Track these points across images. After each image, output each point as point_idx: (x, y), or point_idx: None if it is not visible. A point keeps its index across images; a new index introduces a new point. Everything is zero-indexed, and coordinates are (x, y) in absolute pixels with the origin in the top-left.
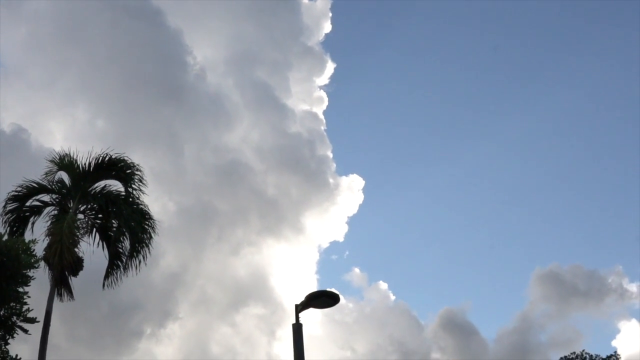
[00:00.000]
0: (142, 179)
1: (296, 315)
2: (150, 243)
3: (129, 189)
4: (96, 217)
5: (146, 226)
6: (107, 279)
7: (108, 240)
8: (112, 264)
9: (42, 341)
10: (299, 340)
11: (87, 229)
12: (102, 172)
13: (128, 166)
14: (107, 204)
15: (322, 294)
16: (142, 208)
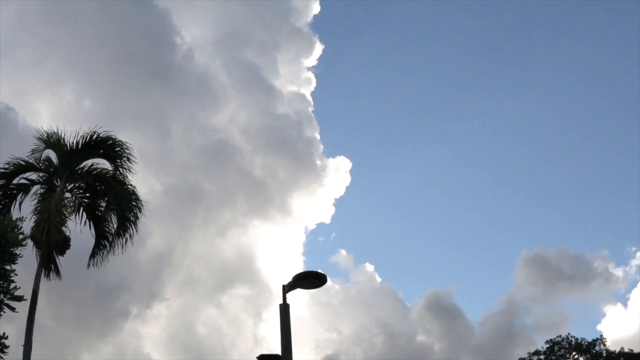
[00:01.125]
0: (130, 157)
1: (283, 295)
2: (137, 222)
3: (117, 167)
4: (84, 195)
5: (133, 206)
6: (92, 258)
7: (95, 219)
8: (98, 243)
9: (29, 320)
10: (286, 320)
11: (74, 208)
12: (89, 151)
13: (116, 144)
14: (95, 182)
15: (310, 274)
16: (129, 187)
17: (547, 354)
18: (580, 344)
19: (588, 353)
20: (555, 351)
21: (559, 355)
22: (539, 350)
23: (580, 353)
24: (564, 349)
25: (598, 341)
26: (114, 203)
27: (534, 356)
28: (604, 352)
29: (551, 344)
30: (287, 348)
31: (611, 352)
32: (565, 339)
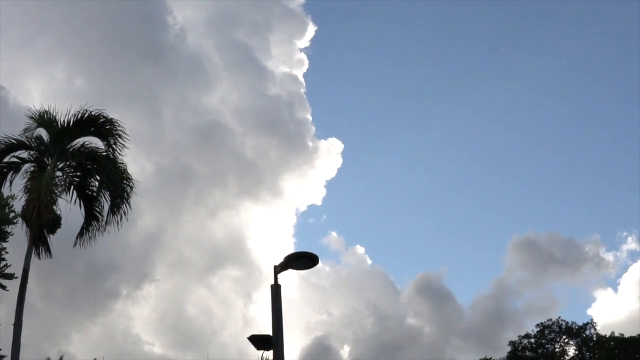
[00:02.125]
0: (122, 135)
1: (275, 276)
2: (129, 200)
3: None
4: (74, 174)
5: (125, 184)
6: (80, 237)
7: (85, 199)
8: (87, 222)
9: (19, 299)
10: (277, 301)
11: (65, 187)
12: (81, 129)
13: (108, 122)
14: (86, 161)
15: (301, 255)
16: (121, 166)
17: (537, 338)
18: (571, 327)
19: (578, 337)
20: (546, 335)
21: (549, 339)
22: (529, 333)
23: (570, 337)
24: (554, 333)
25: (588, 325)
26: (107, 181)
27: (524, 339)
28: (594, 337)
29: (541, 328)
30: (278, 329)
31: (601, 336)
32: (555, 323)
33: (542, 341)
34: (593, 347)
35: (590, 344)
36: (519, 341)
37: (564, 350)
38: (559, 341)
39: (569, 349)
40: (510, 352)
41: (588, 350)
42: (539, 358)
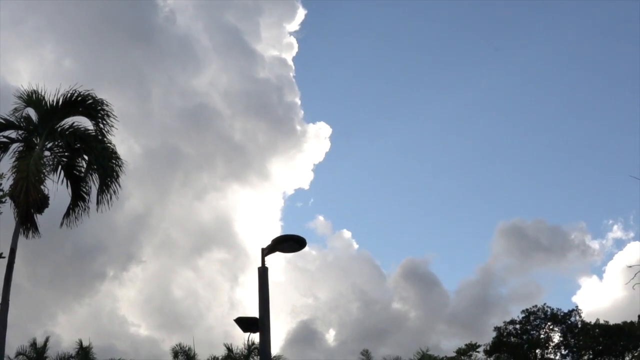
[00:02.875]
0: (110, 115)
1: (262, 258)
2: (118, 180)
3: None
4: (63, 154)
5: (114, 164)
6: (67, 217)
7: (72, 179)
8: (74, 202)
9: (6, 279)
10: (264, 284)
11: (53, 167)
12: (69, 109)
13: (96, 102)
14: (75, 141)
15: (289, 238)
16: (110, 146)
17: (522, 324)
18: (556, 314)
19: (563, 324)
20: (531, 321)
21: (534, 325)
22: (515, 319)
23: (555, 323)
24: (539, 319)
25: (574, 312)
26: (95, 162)
27: (509, 325)
28: (579, 323)
29: (527, 314)
30: (265, 311)
31: (586, 323)
32: (541, 309)
33: (527, 327)
34: (578, 334)
35: (575, 330)
36: (504, 327)
37: (549, 336)
38: (544, 327)
39: (554, 335)
40: (496, 338)
41: (573, 337)
42: (524, 344)
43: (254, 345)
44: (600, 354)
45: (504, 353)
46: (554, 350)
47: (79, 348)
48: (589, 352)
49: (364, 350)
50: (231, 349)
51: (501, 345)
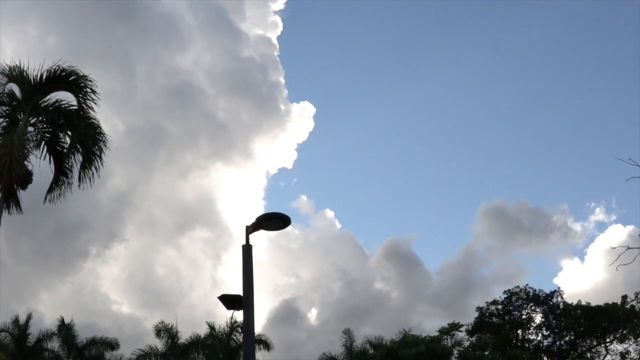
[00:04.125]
0: (94, 90)
1: (246, 236)
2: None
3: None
4: (46, 130)
5: (98, 140)
6: (50, 193)
7: (55, 155)
8: (57, 178)
9: None
10: (248, 262)
11: (37, 142)
12: (53, 85)
13: (80, 78)
14: (59, 117)
15: (274, 215)
16: (94, 122)
17: (504, 304)
18: (538, 295)
19: (545, 305)
20: (513, 301)
21: (516, 306)
22: (497, 300)
23: (537, 304)
24: (521, 300)
25: (556, 293)
26: (78, 138)
27: (491, 306)
28: (561, 305)
29: (509, 295)
30: (249, 289)
31: (568, 304)
32: (523, 290)
33: (509, 308)
34: (559, 315)
35: (556, 311)
36: (486, 307)
37: (530, 317)
38: (526, 308)
39: (536, 316)
40: (478, 318)
41: (555, 317)
42: (506, 324)
43: (236, 324)
44: (581, 335)
45: (486, 333)
46: (536, 331)
47: (61, 325)
48: (570, 333)
49: (346, 329)
50: (214, 327)
51: (483, 326)
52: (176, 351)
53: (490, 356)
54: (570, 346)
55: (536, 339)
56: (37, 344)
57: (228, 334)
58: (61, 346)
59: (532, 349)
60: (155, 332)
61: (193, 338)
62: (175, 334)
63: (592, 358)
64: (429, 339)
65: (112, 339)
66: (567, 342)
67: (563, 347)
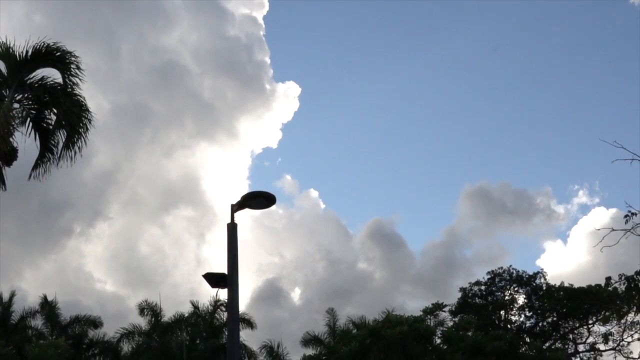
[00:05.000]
0: (79, 67)
1: (231, 215)
2: (86, 135)
3: (66, 78)
4: (32, 107)
5: (83, 117)
6: (35, 169)
7: (41, 131)
8: (42, 155)
9: None
10: (233, 240)
11: (22, 119)
12: (39, 61)
13: (66, 54)
14: (44, 93)
15: (259, 194)
16: (79, 99)
17: (487, 285)
18: (521, 276)
19: (528, 286)
20: (496, 282)
21: (499, 287)
22: (480, 281)
23: (520, 285)
24: (504, 281)
25: (539, 275)
26: (64, 116)
27: (475, 286)
28: (544, 286)
29: (492, 275)
30: (234, 267)
31: (551, 286)
32: (506, 271)
33: (492, 289)
34: (542, 296)
35: (539, 293)
36: (469, 288)
37: (513, 298)
38: (509, 289)
39: (519, 297)
40: (461, 299)
41: (537, 299)
42: (489, 305)
43: (219, 302)
44: (564, 316)
45: (469, 314)
46: (518, 312)
47: (44, 302)
48: (553, 315)
49: (329, 309)
50: (197, 306)
51: (466, 306)
52: (160, 329)
53: (473, 337)
54: (552, 327)
55: (519, 320)
56: (20, 321)
57: (211, 313)
58: (44, 324)
59: (515, 329)
60: (139, 310)
61: (177, 317)
62: (159, 313)
63: (575, 339)
64: (412, 319)
65: (96, 317)
66: (550, 323)
67: (546, 328)
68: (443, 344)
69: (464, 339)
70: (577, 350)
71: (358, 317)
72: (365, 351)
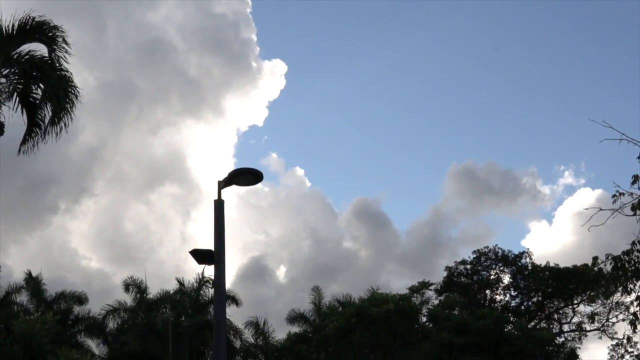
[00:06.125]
0: (66, 41)
1: (218, 191)
2: (73, 110)
3: (52, 53)
4: (18, 81)
5: (69, 92)
6: (24, 144)
7: (28, 106)
8: (30, 130)
9: None
10: (220, 216)
11: (9, 94)
12: (25, 36)
13: (52, 28)
14: (31, 68)
15: (246, 171)
16: (66, 74)
17: (473, 264)
18: (507, 255)
19: (514, 265)
20: (482, 262)
21: (485, 266)
22: (466, 260)
23: (506, 265)
24: (490, 260)
25: (524, 254)
26: (50, 90)
27: (460, 265)
28: (529, 266)
29: (478, 255)
30: (220, 244)
31: (537, 265)
32: (492, 250)
33: (477, 268)
34: (528, 276)
35: (525, 272)
36: (455, 267)
37: (499, 277)
38: (495, 268)
39: (504, 276)
40: (446, 277)
41: (523, 278)
42: (474, 284)
43: (204, 279)
44: (549, 296)
45: (454, 293)
46: (504, 291)
47: (28, 278)
48: (538, 294)
49: (314, 287)
50: (183, 283)
51: (451, 285)
52: (145, 306)
53: (459, 315)
54: (537, 307)
55: (504, 300)
56: (5, 297)
57: (197, 290)
58: (30, 300)
59: (500, 309)
60: (124, 287)
61: (162, 294)
62: (144, 289)
63: (560, 319)
64: (398, 297)
65: (81, 293)
66: (535, 303)
67: (531, 308)
68: (429, 323)
69: (450, 318)
70: (561, 330)
71: (343, 296)
72: (351, 329)
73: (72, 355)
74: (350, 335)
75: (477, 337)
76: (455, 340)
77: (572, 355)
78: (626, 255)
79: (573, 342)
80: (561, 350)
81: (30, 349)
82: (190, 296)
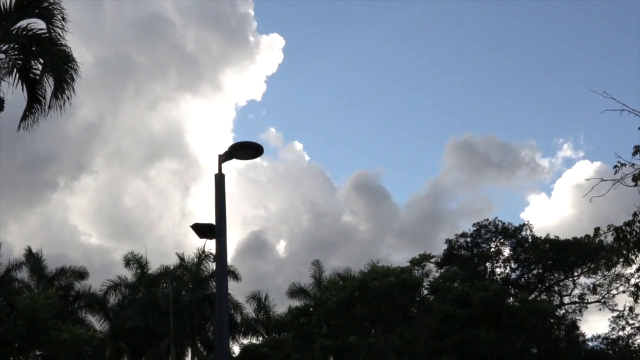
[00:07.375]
0: (64, 17)
1: (219, 165)
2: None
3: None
4: (18, 57)
5: (69, 67)
6: (24, 120)
7: (28, 82)
8: (30, 106)
9: None
10: (221, 190)
11: (8, 69)
12: (24, 11)
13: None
14: (30, 43)
15: (246, 145)
16: (65, 49)
17: (473, 237)
18: (507, 228)
19: (514, 238)
20: (482, 234)
21: (485, 239)
22: (466, 232)
23: (506, 237)
24: (490, 233)
25: (524, 227)
26: (50, 64)
27: (460, 238)
28: (529, 238)
29: (478, 227)
30: (221, 218)
31: (537, 238)
32: (492, 223)
33: (477, 240)
34: (528, 248)
35: (525, 245)
36: (455, 239)
37: (499, 250)
38: (495, 241)
39: (504, 249)
40: (446, 250)
41: (523, 251)
42: (474, 257)
43: (204, 254)
44: (549, 268)
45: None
46: (504, 264)
47: (28, 254)
48: (539, 267)
49: (315, 261)
50: (183, 258)
51: (452, 258)
52: (145, 281)
53: (460, 287)
54: (538, 279)
55: (504, 272)
56: (6, 274)
57: (197, 265)
58: (30, 276)
59: (500, 281)
60: (125, 262)
61: (162, 269)
62: (145, 265)
63: (560, 291)
64: (399, 270)
65: (81, 268)
66: (535, 275)
67: (531, 280)
68: (430, 295)
69: (451, 290)
70: (562, 302)
71: (343, 269)
72: (352, 302)
73: (76, 331)
74: (352, 309)
75: (478, 309)
76: (457, 312)
77: (573, 327)
78: (628, 226)
79: (574, 314)
80: (562, 322)
81: (34, 324)
82: (191, 271)
